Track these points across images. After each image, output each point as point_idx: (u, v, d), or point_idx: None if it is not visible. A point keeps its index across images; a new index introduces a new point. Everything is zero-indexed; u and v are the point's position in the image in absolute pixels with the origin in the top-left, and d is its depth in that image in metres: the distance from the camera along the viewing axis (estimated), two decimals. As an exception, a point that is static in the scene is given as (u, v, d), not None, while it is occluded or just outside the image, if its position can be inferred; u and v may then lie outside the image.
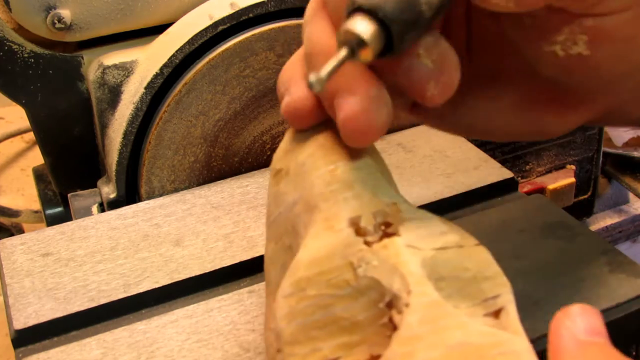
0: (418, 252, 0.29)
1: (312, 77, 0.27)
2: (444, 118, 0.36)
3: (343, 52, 0.28)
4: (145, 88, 0.52)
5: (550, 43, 0.30)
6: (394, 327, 0.28)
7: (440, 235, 0.30)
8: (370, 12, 0.27)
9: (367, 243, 0.30)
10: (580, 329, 0.25)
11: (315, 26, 0.32)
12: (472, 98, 0.35)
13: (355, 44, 0.27)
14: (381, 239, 0.30)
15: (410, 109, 0.36)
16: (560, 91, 0.32)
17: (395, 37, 0.28)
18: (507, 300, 0.29)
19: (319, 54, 0.31)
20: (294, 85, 0.32)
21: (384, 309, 0.29)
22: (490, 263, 0.30)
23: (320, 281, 0.29)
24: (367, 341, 0.29)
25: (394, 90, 0.30)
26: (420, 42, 0.29)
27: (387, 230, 0.30)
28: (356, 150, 0.32)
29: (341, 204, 0.31)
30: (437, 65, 0.29)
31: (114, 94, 0.54)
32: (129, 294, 0.43)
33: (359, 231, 0.30)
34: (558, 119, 0.33)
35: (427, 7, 0.28)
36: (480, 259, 0.30)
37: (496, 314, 0.29)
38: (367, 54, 0.28)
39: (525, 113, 0.34)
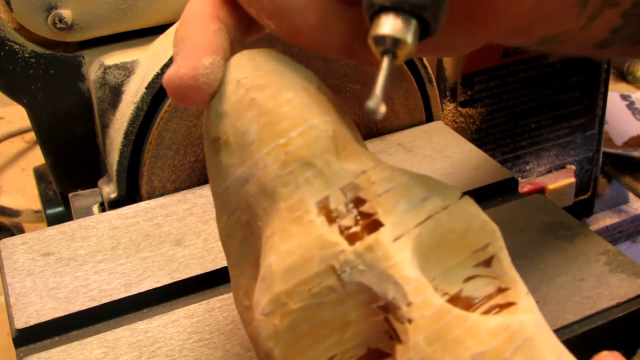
0: (405, 240, 0.27)
1: (371, 104, 0.25)
2: None
3: (386, 62, 0.26)
4: (146, 88, 0.52)
5: None
6: (391, 327, 0.27)
7: (422, 204, 0.28)
8: (397, 9, 0.26)
9: (341, 231, 0.27)
10: None
11: None
12: None
13: (393, 47, 0.26)
14: (357, 223, 0.27)
15: None
16: (472, 6, 0.31)
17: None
18: (497, 247, 0.28)
19: (195, 24, 0.29)
20: (184, 52, 0.29)
21: (378, 310, 0.27)
22: (476, 214, 0.28)
23: (302, 292, 0.27)
24: (361, 335, 0.27)
25: None
26: None
27: (361, 209, 0.27)
28: (308, 106, 0.29)
29: (304, 187, 0.28)
30: None
31: (114, 94, 0.54)
32: (130, 294, 0.43)
33: (330, 216, 0.27)
34: (469, 36, 0.32)
35: None
36: (465, 214, 0.28)
37: (487, 262, 0.28)
38: (408, 51, 0.26)
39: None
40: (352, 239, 0.27)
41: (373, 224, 0.27)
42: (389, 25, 0.26)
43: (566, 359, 0.27)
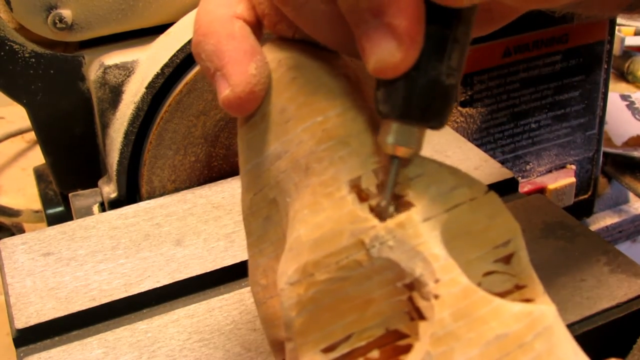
0: (435, 223, 0.27)
1: (383, 203, 0.27)
2: None
3: (393, 165, 0.27)
4: (146, 88, 0.52)
5: None
6: (414, 307, 0.27)
7: (451, 192, 0.28)
8: (403, 119, 0.26)
9: (371, 210, 0.27)
10: None
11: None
12: None
13: (399, 153, 0.27)
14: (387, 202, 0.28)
15: None
16: None
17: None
18: (518, 245, 0.28)
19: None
20: (228, 69, 0.29)
21: (402, 288, 0.27)
22: (500, 210, 0.29)
23: (329, 264, 0.27)
24: (381, 315, 0.28)
25: None
26: None
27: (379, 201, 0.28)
28: (345, 92, 0.30)
29: (338, 164, 0.28)
30: None
31: (115, 94, 0.54)
32: (130, 294, 0.43)
33: (361, 194, 0.28)
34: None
35: (451, 77, 0.26)
36: (490, 208, 0.28)
37: (506, 259, 0.28)
38: (413, 153, 0.27)
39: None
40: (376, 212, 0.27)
41: (403, 205, 0.28)
42: (394, 133, 0.26)
43: (581, 355, 0.27)
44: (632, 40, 1.05)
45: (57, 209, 0.63)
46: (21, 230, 0.86)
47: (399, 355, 0.27)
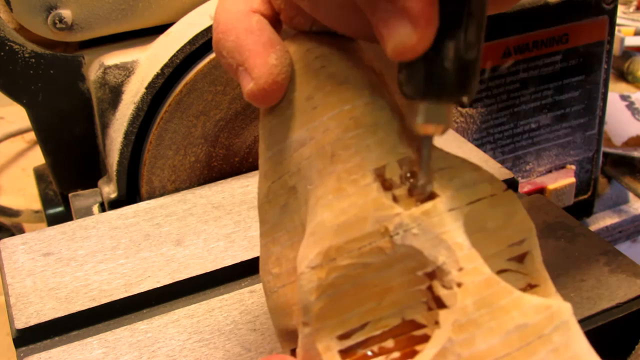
0: (458, 214, 0.27)
1: (421, 182, 0.28)
2: None
3: (425, 143, 0.27)
4: (146, 88, 0.52)
5: None
6: (433, 296, 0.27)
7: (473, 186, 0.28)
8: (428, 99, 0.27)
9: (395, 198, 0.28)
10: None
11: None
12: None
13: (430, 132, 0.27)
14: (410, 192, 0.28)
15: None
16: None
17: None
18: (532, 244, 0.29)
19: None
20: (249, 63, 0.30)
21: (423, 277, 0.27)
22: (517, 209, 0.29)
23: (352, 249, 0.27)
24: (398, 304, 0.28)
25: None
26: None
27: (415, 182, 0.28)
28: (371, 83, 0.30)
29: (364, 152, 0.28)
30: None
31: (114, 94, 0.54)
32: (131, 294, 0.43)
33: (384, 183, 0.28)
34: None
35: (470, 51, 0.26)
36: (508, 206, 0.29)
37: (520, 258, 0.29)
38: (444, 129, 0.27)
39: None
40: (404, 207, 0.28)
41: (427, 196, 0.28)
42: (422, 113, 0.27)
43: (594, 353, 0.27)
44: (632, 40, 1.05)
45: (57, 209, 0.63)
46: (21, 230, 0.86)
47: (414, 346, 0.28)
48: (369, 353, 0.28)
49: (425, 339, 0.27)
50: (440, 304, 0.27)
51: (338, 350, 0.28)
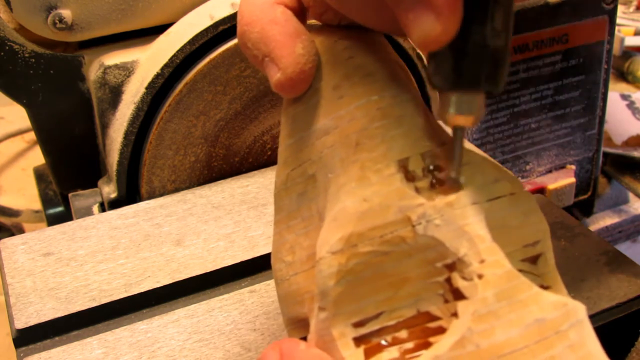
0: (480, 208, 0.28)
1: (453, 174, 0.28)
2: None
3: (457, 135, 0.27)
4: (146, 88, 0.52)
5: None
6: (451, 288, 0.27)
7: (494, 184, 0.29)
8: (457, 90, 0.26)
9: (417, 190, 0.28)
10: None
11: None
12: None
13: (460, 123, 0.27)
14: (432, 185, 0.28)
15: None
16: None
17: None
18: (546, 246, 0.29)
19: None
20: (276, 53, 0.30)
21: (442, 269, 0.27)
22: (535, 209, 0.29)
23: (373, 237, 0.27)
24: (414, 296, 0.28)
25: None
26: None
27: (438, 175, 0.28)
28: (398, 76, 0.30)
29: (389, 142, 0.28)
30: None
31: (114, 94, 0.54)
32: (130, 294, 0.43)
33: (407, 175, 0.28)
34: None
35: (498, 39, 0.25)
36: (526, 206, 0.29)
37: (533, 259, 0.29)
38: (475, 120, 0.27)
39: None
40: (426, 200, 0.28)
41: (457, 189, 0.28)
42: (452, 104, 0.26)
43: (604, 355, 0.27)
44: (632, 40, 1.05)
45: (57, 209, 0.63)
46: (21, 230, 0.86)
47: (428, 337, 0.28)
48: (383, 342, 0.28)
49: (440, 331, 0.27)
50: (458, 296, 0.27)
51: (352, 338, 0.28)
